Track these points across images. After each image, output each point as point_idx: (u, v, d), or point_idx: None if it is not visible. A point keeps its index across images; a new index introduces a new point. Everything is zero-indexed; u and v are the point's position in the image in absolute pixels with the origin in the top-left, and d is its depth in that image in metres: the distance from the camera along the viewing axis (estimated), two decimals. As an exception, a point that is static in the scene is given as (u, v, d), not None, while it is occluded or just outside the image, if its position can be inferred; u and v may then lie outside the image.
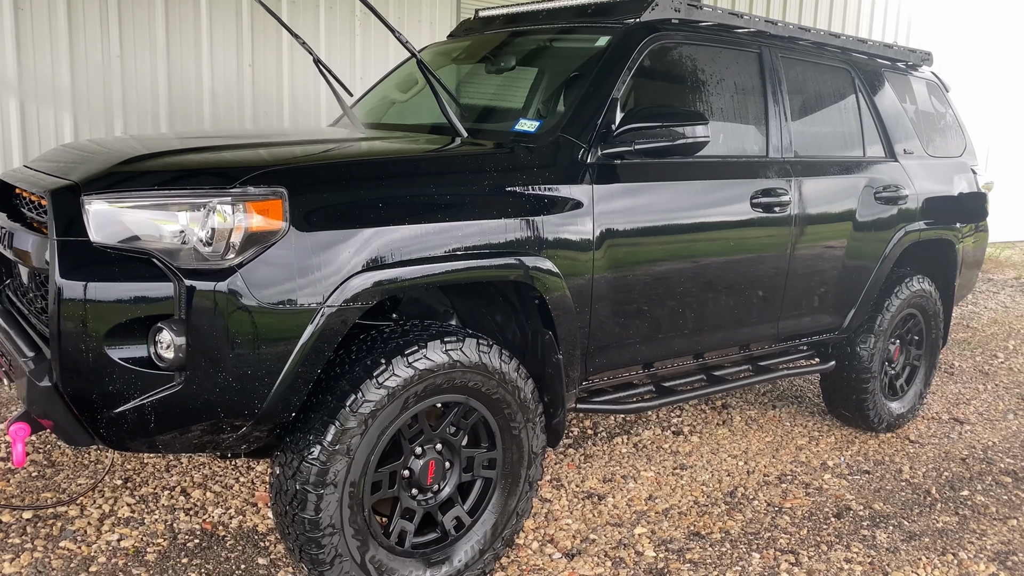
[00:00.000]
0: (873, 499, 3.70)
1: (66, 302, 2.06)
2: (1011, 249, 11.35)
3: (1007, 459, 4.28)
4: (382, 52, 6.29)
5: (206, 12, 5.55)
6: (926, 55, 4.80)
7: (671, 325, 3.23)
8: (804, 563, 3.11)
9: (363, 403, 2.31)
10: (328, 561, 2.37)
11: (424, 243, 2.42)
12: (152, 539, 2.93)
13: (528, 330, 2.85)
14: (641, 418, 4.46)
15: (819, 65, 4.01)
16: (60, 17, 5.03)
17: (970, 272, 4.93)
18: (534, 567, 2.95)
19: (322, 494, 2.30)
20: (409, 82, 3.99)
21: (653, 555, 3.08)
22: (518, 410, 2.67)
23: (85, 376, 2.09)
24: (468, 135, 3.00)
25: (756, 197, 3.42)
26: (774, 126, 3.65)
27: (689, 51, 3.40)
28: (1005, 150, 11.72)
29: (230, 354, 2.13)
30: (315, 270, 2.21)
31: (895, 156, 4.29)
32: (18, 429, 2.33)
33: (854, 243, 3.93)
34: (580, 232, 2.80)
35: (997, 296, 8.65)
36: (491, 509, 2.74)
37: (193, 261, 2.13)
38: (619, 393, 3.27)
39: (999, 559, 3.25)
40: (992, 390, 5.46)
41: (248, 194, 2.17)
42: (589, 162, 2.89)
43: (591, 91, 3.05)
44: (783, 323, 3.76)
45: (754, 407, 4.80)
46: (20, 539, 2.87)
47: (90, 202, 2.18)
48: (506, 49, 3.70)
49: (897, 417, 4.51)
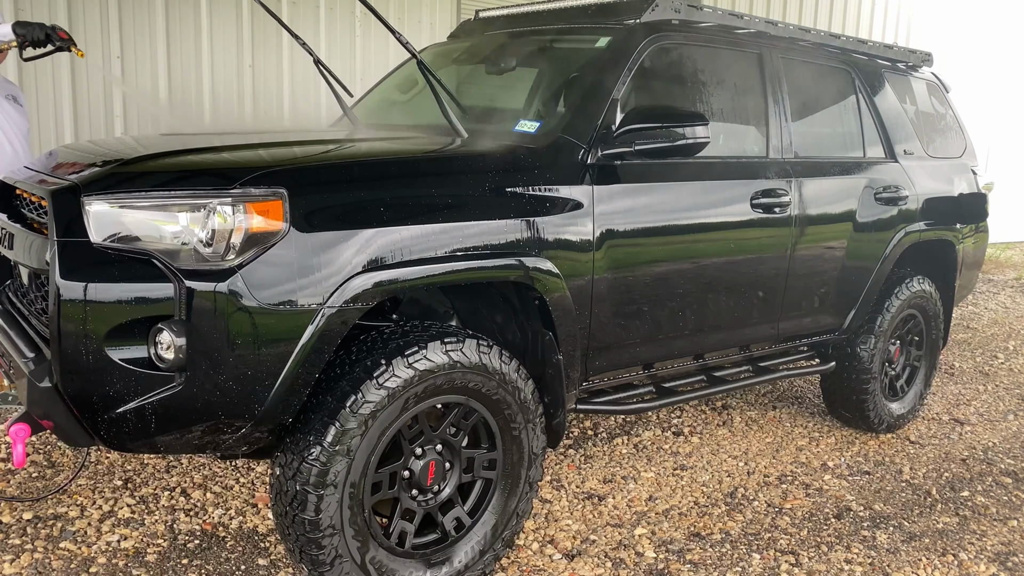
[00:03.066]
0: (873, 500, 3.70)
1: (66, 303, 2.06)
2: (1011, 250, 11.34)
3: (1007, 460, 4.28)
4: (382, 53, 6.29)
5: (206, 12, 5.55)
6: (926, 56, 4.80)
7: (671, 326, 3.23)
8: (804, 564, 3.10)
9: (363, 404, 2.31)
10: (328, 562, 2.37)
11: (424, 244, 2.42)
12: (152, 540, 2.93)
13: (528, 331, 2.85)
14: (641, 419, 4.45)
15: (819, 66, 4.01)
16: (60, 17, 5.03)
17: (970, 273, 4.93)
18: (534, 568, 2.95)
19: (322, 495, 2.30)
20: (409, 83, 3.99)
21: (653, 556, 3.08)
22: (518, 411, 2.67)
23: (85, 377, 2.09)
24: (468, 136, 3.00)
25: (756, 198, 3.42)
26: (774, 127, 3.65)
27: (689, 52, 3.40)
28: (1005, 151, 11.71)
29: (230, 355, 2.13)
30: (315, 271, 2.21)
31: (895, 157, 4.29)
32: (18, 430, 2.33)
33: (854, 244, 3.93)
34: (580, 233, 2.80)
35: (997, 297, 8.65)
36: (491, 510, 2.74)
37: (193, 262, 2.13)
38: (619, 394, 3.27)
39: (999, 560, 3.25)
40: (992, 391, 5.46)
41: (248, 195, 2.17)
42: (589, 163, 2.89)
43: (591, 92, 3.05)
44: (783, 324, 3.76)
45: (754, 408, 4.80)
46: (20, 540, 2.87)
47: (90, 203, 2.18)
48: (506, 50, 3.70)
49: (897, 418, 4.51)
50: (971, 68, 11.10)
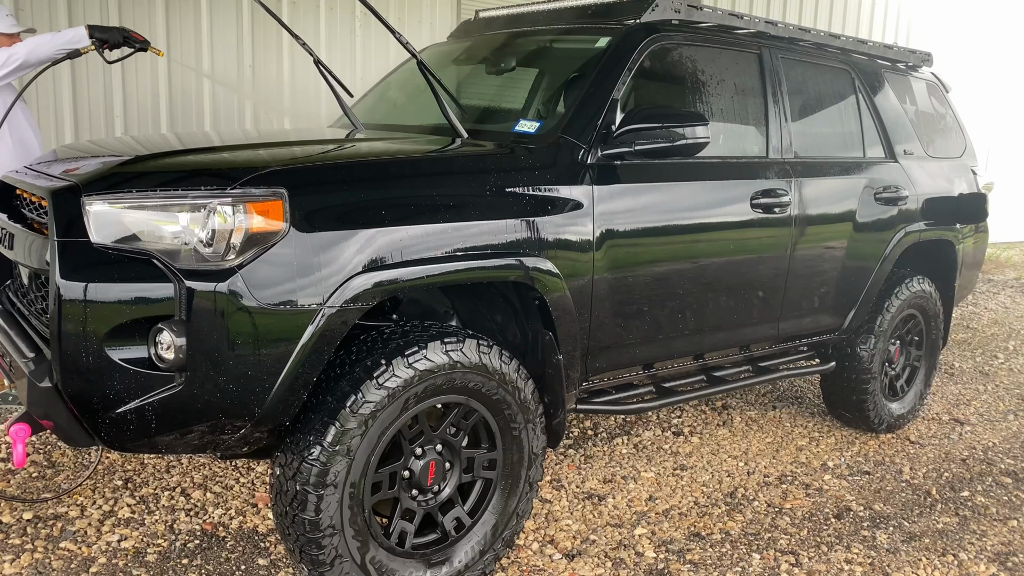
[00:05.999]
0: (873, 500, 3.70)
1: (66, 303, 2.06)
2: (1011, 250, 11.34)
3: (1007, 460, 4.28)
4: (382, 53, 6.29)
5: (206, 12, 5.55)
6: (926, 56, 4.80)
7: (671, 326, 3.23)
8: (804, 564, 3.11)
9: (363, 404, 2.31)
10: (328, 562, 2.37)
11: (424, 244, 2.42)
12: (152, 540, 2.93)
13: (528, 331, 2.85)
14: (641, 419, 4.45)
15: (819, 66, 4.01)
16: (60, 18, 5.03)
17: (970, 273, 4.93)
18: (534, 568, 2.95)
19: (322, 495, 2.30)
20: (409, 83, 4.00)
21: (653, 556, 3.08)
22: (518, 411, 2.67)
23: (85, 377, 2.09)
24: (468, 136, 3.00)
25: (756, 198, 3.42)
26: (774, 127, 3.65)
27: (689, 52, 3.40)
28: (1005, 151, 11.71)
29: (230, 355, 2.13)
30: (315, 271, 2.21)
31: (895, 157, 4.29)
32: (18, 430, 2.33)
33: (854, 244, 3.93)
34: (580, 233, 2.80)
35: (997, 297, 8.65)
36: (491, 510, 2.74)
37: (193, 262, 2.13)
38: (619, 394, 3.26)
39: (999, 560, 3.25)
40: (992, 391, 5.46)
41: (249, 195, 2.18)
42: (589, 163, 2.89)
43: (591, 92, 3.05)
44: (783, 324, 3.76)
45: (754, 408, 4.80)
46: (20, 540, 2.87)
47: (90, 203, 2.18)
48: (506, 50, 3.70)
49: (897, 418, 4.51)
50: (971, 68, 11.10)
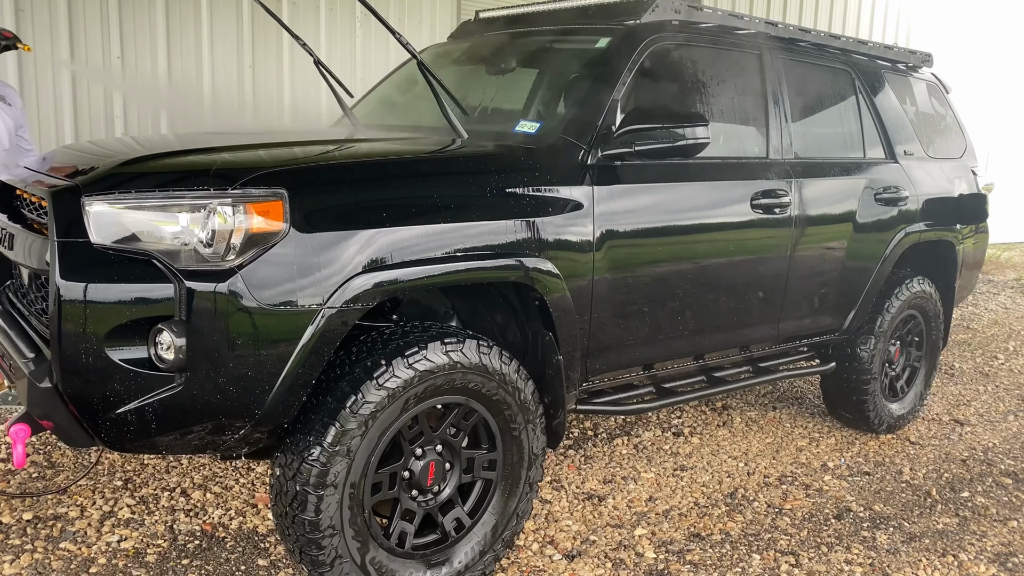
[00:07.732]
0: (873, 500, 3.70)
1: (66, 303, 2.06)
2: (1011, 250, 11.34)
3: (1007, 460, 4.28)
4: (382, 53, 6.29)
5: (206, 12, 5.55)
6: (926, 56, 4.80)
7: (671, 326, 3.23)
8: (804, 564, 3.10)
9: (363, 404, 2.31)
10: (328, 562, 2.37)
11: (425, 244, 2.42)
12: (152, 540, 2.93)
13: (528, 331, 2.85)
14: (641, 419, 4.45)
15: (819, 66, 4.01)
16: (60, 18, 5.03)
17: (970, 273, 4.93)
18: (534, 568, 2.95)
19: (322, 495, 2.30)
20: (410, 83, 3.99)
21: (653, 556, 3.08)
22: (518, 411, 2.67)
23: (85, 377, 2.09)
24: (468, 136, 3.00)
25: (756, 198, 3.41)
26: (774, 127, 3.65)
27: (689, 52, 3.40)
28: (1005, 151, 11.71)
29: (230, 355, 2.13)
30: (315, 271, 2.21)
31: (895, 157, 4.29)
32: (18, 430, 2.33)
33: (854, 244, 3.93)
34: (580, 233, 2.80)
35: (997, 297, 8.65)
36: (491, 510, 2.74)
37: (193, 262, 2.13)
38: (619, 394, 3.26)
39: (999, 560, 3.25)
40: (992, 391, 5.46)
41: (249, 195, 2.17)
42: (589, 163, 2.89)
43: (591, 93, 3.05)
44: (783, 324, 3.76)
45: (754, 408, 4.80)
46: (20, 540, 2.86)
47: (90, 203, 2.18)
48: (506, 51, 3.70)
49: (897, 418, 4.51)
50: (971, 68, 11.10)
